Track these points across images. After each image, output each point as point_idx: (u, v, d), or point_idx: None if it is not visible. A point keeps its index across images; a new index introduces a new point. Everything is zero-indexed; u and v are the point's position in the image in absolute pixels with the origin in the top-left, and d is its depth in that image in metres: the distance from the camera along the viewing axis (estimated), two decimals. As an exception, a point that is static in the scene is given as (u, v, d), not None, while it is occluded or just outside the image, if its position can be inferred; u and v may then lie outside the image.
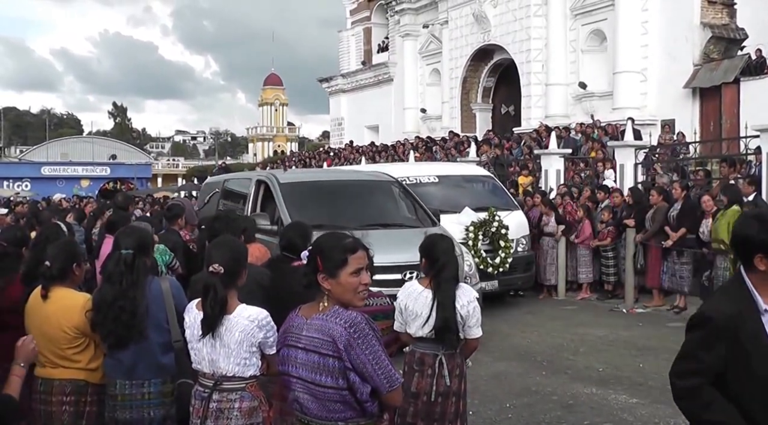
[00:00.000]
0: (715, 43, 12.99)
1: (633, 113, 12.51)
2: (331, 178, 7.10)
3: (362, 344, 1.78)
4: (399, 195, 6.45)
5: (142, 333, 2.43)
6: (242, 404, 2.13)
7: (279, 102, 54.85)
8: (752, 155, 8.35)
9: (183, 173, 39.13)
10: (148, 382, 2.47)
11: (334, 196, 6.07)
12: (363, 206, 6.07)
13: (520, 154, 12.52)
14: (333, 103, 25.69)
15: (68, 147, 40.97)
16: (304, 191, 6.07)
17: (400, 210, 6.34)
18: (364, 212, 5.93)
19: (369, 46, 23.97)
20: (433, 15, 19.41)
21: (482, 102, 18.72)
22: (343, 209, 5.87)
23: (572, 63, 15.15)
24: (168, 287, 2.53)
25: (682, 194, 7.09)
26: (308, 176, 7.24)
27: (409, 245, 4.23)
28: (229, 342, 2.13)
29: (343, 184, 6.49)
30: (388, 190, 6.48)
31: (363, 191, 6.32)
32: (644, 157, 9.87)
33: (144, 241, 2.63)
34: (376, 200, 6.28)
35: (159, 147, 72.04)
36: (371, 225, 5.53)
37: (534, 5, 15.56)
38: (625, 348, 5.56)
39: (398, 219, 6.11)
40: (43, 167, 34.25)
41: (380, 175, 7.00)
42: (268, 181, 6.18)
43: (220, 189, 7.22)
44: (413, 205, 6.34)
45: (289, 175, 6.70)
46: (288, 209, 5.62)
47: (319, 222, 4.87)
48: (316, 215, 5.32)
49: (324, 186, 6.40)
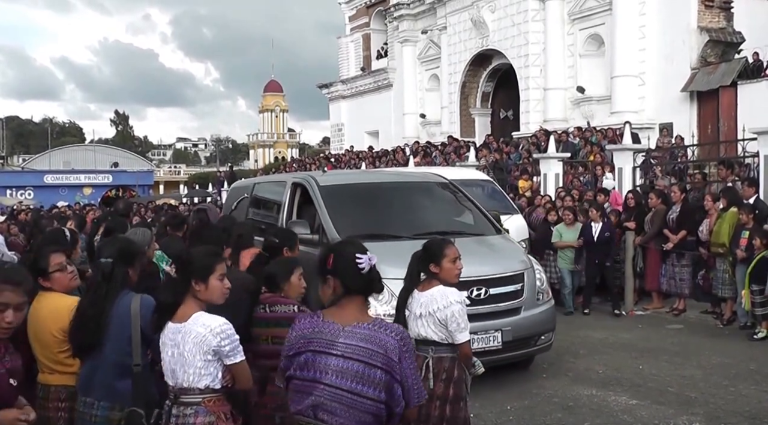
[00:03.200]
0: (713, 47, 13.06)
1: (631, 117, 12.56)
2: (377, 180, 6.12)
3: (409, 357, 1.80)
4: (455, 198, 5.63)
5: (97, 347, 2.32)
6: (197, 419, 2.06)
7: (279, 108, 55.06)
8: (750, 158, 8.40)
9: (185, 180, 39.18)
10: (97, 404, 2.33)
11: (381, 200, 5.33)
12: (415, 211, 5.31)
13: (518, 158, 12.58)
14: (333, 109, 25.79)
15: (70, 155, 41.12)
16: (347, 194, 5.28)
17: (458, 216, 5.53)
18: (416, 219, 5.17)
19: (368, 52, 24.10)
20: (432, 21, 19.53)
21: (481, 107, 18.79)
22: (393, 216, 5.17)
23: (570, 67, 15.23)
24: (137, 307, 2.36)
25: (681, 197, 7.14)
26: (351, 178, 6.33)
27: (472, 257, 3.80)
28: (183, 350, 2.08)
29: (391, 186, 5.65)
30: (441, 192, 5.67)
31: (414, 195, 5.51)
32: (642, 160, 9.92)
33: (127, 251, 2.52)
34: (430, 205, 5.50)
35: (160, 154, 72.30)
36: (426, 234, 4.73)
37: (532, 10, 15.67)
38: (624, 351, 5.59)
39: (456, 226, 5.26)
40: (46, 175, 34.39)
41: (431, 176, 6.29)
42: (306, 184, 5.37)
43: (249, 194, 6.44)
44: (472, 209, 5.51)
45: (329, 177, 5.89)
46: (330, 216, 4.85)
47: (366, 231, 4.56)
48: (362, 223, 4.88)
49: (369, 189, 5.52)
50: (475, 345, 3.97)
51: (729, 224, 6.27)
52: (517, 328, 4.41)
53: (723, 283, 6.39)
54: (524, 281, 4.58)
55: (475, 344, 4.00)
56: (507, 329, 4.34)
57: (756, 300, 5.80)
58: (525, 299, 4.54)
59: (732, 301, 6.35)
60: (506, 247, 5.02)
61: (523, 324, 4.47)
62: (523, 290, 4.55)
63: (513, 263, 4.67)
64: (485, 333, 4.25)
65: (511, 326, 4.38)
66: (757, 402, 4.20)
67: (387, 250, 3.90)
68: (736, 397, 4.30)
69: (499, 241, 5.11)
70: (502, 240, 5.17)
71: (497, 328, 4.31)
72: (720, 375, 4.77)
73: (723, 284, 6.39)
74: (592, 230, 7.16)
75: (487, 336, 4.27)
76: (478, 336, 4.16)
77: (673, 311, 7.02)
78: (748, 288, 5.82)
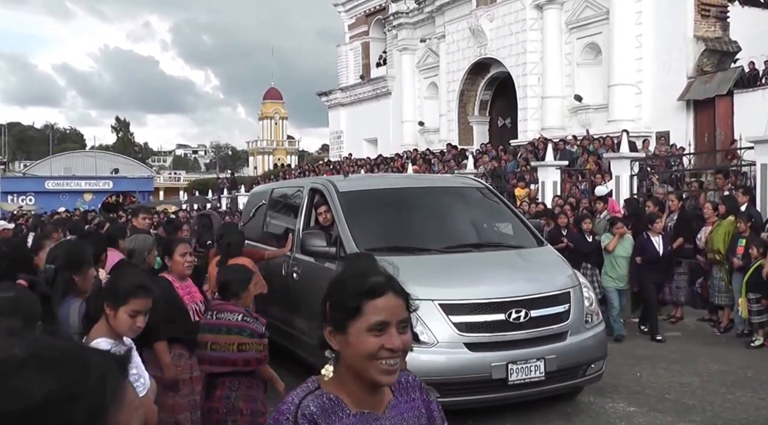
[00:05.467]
0: (709, 56, 13.18)
1: (628, 125, 12.66)
2: (404, 185, 5.39)
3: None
4: (491, 205, 4.99)
5: None
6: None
7: (279, 115, 55.24)
8: (746, 166, 8.46)
9: (185, 186, 39.25)
10: None
11: (408, 208, 4.72)
12: (446, 220, 4.69)
13: (515, 166, 12.64)
14: (332, 116, 25.90)
15: (71, 161, 41.19)
16: (370, 201, 4.72)
17: (495, 225, 4.93)
18: (447, 229, 4.60)
19: (367, 60, 24.25)
20: (431, 29, 19.68)
21: (479, 115, 18.90)
22: (421, 225, 4.58)
23: (568, 76, 15.35)
24: (75, 315, 2.26)
25: (679, 205, 7.17)
26: (374, 183, 5.62)
27: (511, 273, 3.53)
28: None
29: (419, 192, 4.96)
30: (476, 198, 5.01)
31: (445, 201, 4.85)
32: (639, 168, 9.99)
33: (75, 257, 2.40)
34: (463, 212, 4.88)
35: (161, 161, 72.40)
36: (460, 246, 4.31)
37: (530, 19, 15.81)
38: (622, 357, 5.59)
39: (494, 237, 4.73)
40: (47, 181, 34.47)
41: (463, 179, 5.77)
42: (324, 189, 4.76)
43: (267, 200, 5.87)
44: (511, 217, 4.88)
45: (350, 182, 5.28)
46: (349, 226, 4.26)
47: (390, 243, 4.14)
48: (385, 233, 4.39)
49: (395, 195, 4.88)
50: (514, 377, 3.64)
51: (725, 231, 6.32)
52: (563, 356, 3.80)
53: (719, 291, 6.42)
54: (571, 302, 3.95)
55: (514, 375, 3.64)
56: (551, 357, 3.74)
57: (753, 308, 5.83)
58: (572, 323, 3.91)
59: (729, 309, 6.38)
60: (550, 261, 4.37)
61: (570, 351, 3.85)
62: (569, 312, 3.92)
63: (558, 280, 4.07)
64: (525, 363, 3.68)
65: (556, 353, 3.76)
66: (754, 410, 4.22)
67: (414, 265, 3.62)
68: (734, 404, 4.31)
69: (542, 254, 4.47)
70: (545, 253, 4.50)
71: (540, 356, 3.72)
72: (717, 383, 4.78)
73: (719, 292, 6.42)
74: (653, 244, 6.25)
75: (527, 365, 3.68)
76: (518, 366, 3.65)
77: (671, 318, 7.04)
78: (745, 296, 5.85)
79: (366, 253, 3.32)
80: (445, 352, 3.61)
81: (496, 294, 3.75)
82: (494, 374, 3.63)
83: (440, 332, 3.63)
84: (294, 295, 4.68)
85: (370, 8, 23.88)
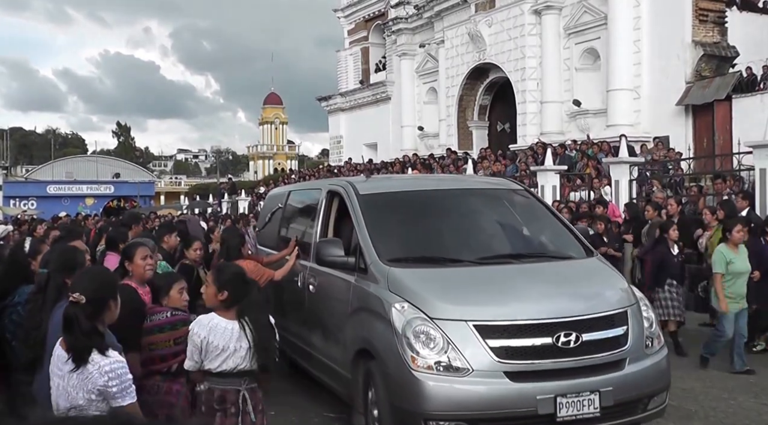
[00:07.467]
0: (707, 61, 13.23)
1: (627, 130, 12.69)
2: (432, 187, 4.71)
3: None
4: (531, 209, 4.38)
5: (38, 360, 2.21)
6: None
7: (279, 120, 55.43)
8: (745, 171, 8.48)
9: (185, 190, 39.36)
10: None
11: (437, 212, 4.16)
12: (480, 227, 4.15)
13: (514, 170, 12.67)
14: (332, 121, 25.96)
15: (73, 166, 41.27)
16: (393, 205, 4.17)
17: (536, 232, 4.24)
18: (482, 237, 4.06)
19: (367, 65, 24.34)
20: (430, 35, 19.76)
21: (478, 120, 18.95)
22: (453, 233, 4.02)
23: (566, 81, 15.40)
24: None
25: (678, 209, 7.18)
26: (399, 184, 4.94)
27: (557, 289, 3.07)
28: (66, 384, 1.94)
29: (450, 195, 4.36)
30: (514, 202, 4.42)
31: (479, 205, 4.29)
32: (638, 173, 10.01)
33: (68, 261, 2.38)
34: (499, 218, 4.32)
35: (161, 165, 72.54)
36: (497, 257, 3.77)
37: (528, 24, 15.88)
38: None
39: (536, 246, 4.10)
40: (49, 185, 34.56)
41: (498, 180, 5.22)
42: (344, 192, 4.22)
43: (284, 204, 5.40)
44: (554, 223, 4.22)
45: (372, 183, 4.73)
46: (370, 234, 3.71)
47: (417, 253, 3.67)
48: (411, 242, 3.86)
49: (422, 198, 4.31)
50: (564, 412, 3.03)
51: (724, 236, 6.31)
52: (621, 388, 3.20)
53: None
54: (629, 323, 3.33)
55: (564, 410, 3.03)
56: (607, 389, 3.14)
57: (753, 313, 5.81)
58: (631, 348, 3.30)
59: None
60: (602, 274, 3.72)
61: (629, 382, 3.24)
62: (627, 336, 3.31)
63: (613, 298, 3.44)
64: (577, 396, 3.08)
65: (613, 385, 3.17)
66: (757, 415, 4.22)
67: (444, 279, 3.29)
68: (736, 410, 4.32)
69: (592, 266, 3.80)
70: (596, 265, 3.83)
71: (594, 388, 3.12)
72: (719, 388, 4.78)
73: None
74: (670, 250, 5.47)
75: (579, 399, 3.08)
76: (568, 400, 3.05)
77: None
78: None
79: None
80: (481, 382, 3.02)
81: (541, 314, 3.17)
82: (540, 409, 3.03)
83: (475, 358, 3.03)
84: (309, 309, 4.28)
85: (369, 14, 24.00)
